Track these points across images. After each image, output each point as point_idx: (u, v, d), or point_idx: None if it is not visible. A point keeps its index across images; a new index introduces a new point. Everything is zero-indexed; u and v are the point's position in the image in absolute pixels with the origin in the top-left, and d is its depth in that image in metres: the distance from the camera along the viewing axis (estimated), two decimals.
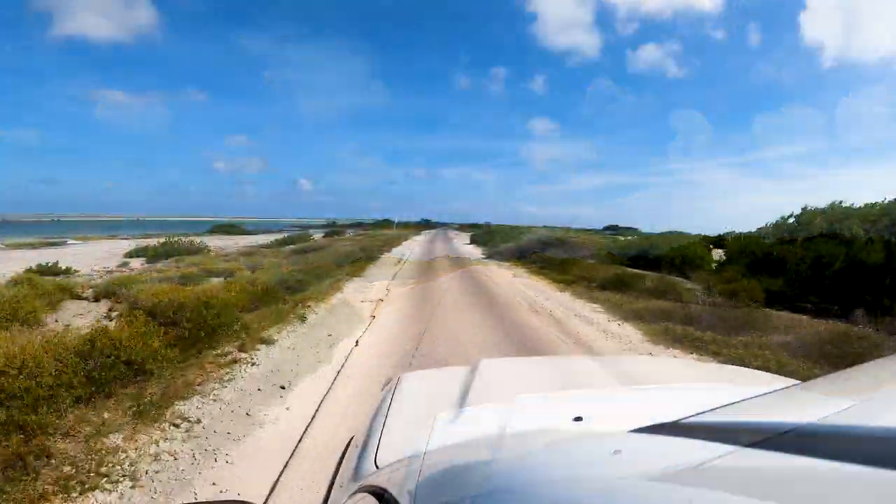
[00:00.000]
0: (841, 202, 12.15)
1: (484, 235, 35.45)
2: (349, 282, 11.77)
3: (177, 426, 3.60)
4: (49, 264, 12.19)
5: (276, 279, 9.39)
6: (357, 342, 6.20)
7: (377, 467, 0.88)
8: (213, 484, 2.91)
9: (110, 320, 6.04)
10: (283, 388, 4.54)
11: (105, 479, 2.86)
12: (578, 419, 0.93)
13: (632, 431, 0.49)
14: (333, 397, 4.35)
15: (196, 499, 2.67)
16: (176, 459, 3.17)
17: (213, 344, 5.46)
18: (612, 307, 8.84)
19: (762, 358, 5.42)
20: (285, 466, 3.10)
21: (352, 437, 1.22)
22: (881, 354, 3.98)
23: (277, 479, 2.92)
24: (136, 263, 14.22)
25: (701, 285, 9.80)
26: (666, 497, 0.28)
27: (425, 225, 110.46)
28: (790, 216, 13.10)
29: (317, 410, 4.04)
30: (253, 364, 5.11)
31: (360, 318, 7.66)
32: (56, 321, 6.35)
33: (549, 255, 17.58)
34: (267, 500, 2.70)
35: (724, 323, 7.15)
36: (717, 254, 15.27)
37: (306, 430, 3.65)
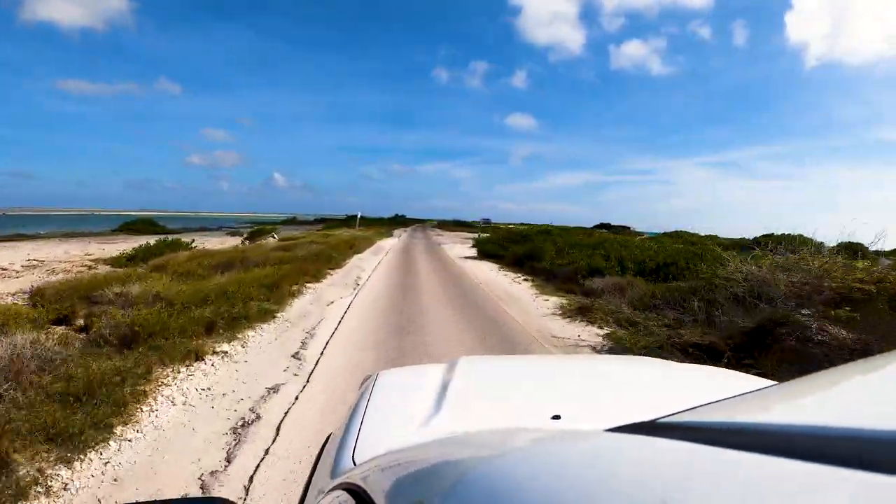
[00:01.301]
0: None
1: (503, 245, 17.42)
2: None
3: None
4: None
5: None
6: None
7: (355, 464, 0.87)
8: None
9: None
10: None
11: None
12: (557, 417, 0.94)
13: (608, 430, 0.49)
14: None
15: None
16: None
17: None
18: None
19: None
20: None
21: (329, 434, 1.21)
22: None
23: None
24: None
25: None
26: (640, 497, 0.28)
27: (399, 222, 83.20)
28: None
29: None
30: None
31: None
32: None
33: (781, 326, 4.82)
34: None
35: None
36: None
37: None
